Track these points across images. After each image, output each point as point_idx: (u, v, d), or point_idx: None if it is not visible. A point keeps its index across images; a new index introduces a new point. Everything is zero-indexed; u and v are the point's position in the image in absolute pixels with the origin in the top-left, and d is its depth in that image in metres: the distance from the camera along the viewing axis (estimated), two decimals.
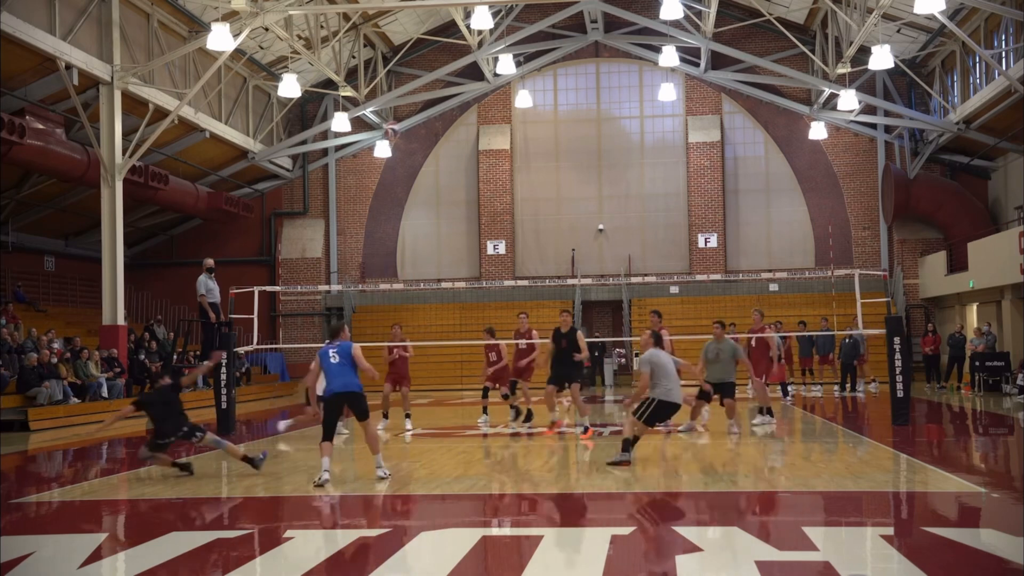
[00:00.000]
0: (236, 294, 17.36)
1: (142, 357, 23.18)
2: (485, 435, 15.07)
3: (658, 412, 11.13)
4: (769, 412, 15.19)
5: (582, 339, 13.88)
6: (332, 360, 10.01)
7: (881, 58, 23.14)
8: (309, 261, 32.64)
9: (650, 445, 13.05)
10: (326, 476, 9.76)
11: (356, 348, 10.06)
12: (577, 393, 14.03)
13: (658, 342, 11.43)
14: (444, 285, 24.24)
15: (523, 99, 31.25)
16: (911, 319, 29.49)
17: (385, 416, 15.84)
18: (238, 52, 25.06)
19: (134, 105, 23.02)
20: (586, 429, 13.96)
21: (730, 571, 6.45)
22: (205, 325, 16.73)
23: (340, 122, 29.22)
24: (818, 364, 23.98)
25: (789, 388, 20.88)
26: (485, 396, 16.62)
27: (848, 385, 22.88)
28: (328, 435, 9.98)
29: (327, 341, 10.46)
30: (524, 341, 15.55)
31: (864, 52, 25.65)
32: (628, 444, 11.00)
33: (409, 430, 15.44)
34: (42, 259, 28.07)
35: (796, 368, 23.60)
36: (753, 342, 17.22)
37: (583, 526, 8.19)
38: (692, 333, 20.35)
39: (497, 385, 15.91)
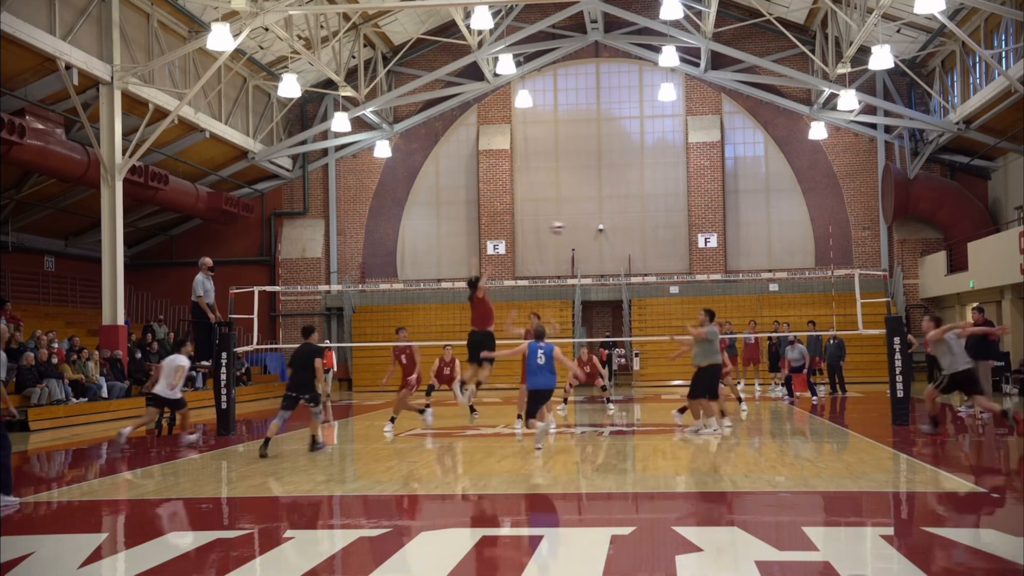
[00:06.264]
0: (236, 294, 17.34)
1: (138, 355, 23.15)
2: (485, 435, 15.07)
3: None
4: None
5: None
6: (539, 361, 12.09)
7: (881, 58, 23.14)
8: (309, 261, 32.64)
9: (649, 445, 13.04)
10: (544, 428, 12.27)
11: (558, 350, 12.04)
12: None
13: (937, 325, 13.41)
14: (444, 285, 24.22)
15: (523, 99, 31.24)
16: (911, 319, 29.47)
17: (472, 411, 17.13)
18: (238, 52, 25.07)
19: (134, 105, 23.02)
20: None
21: (730, 571, 6.45)
22: (198, 325, 16.59)
23: (340, 122, 29.23)
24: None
25: (818, 389, 21.41)
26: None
27: (837, 386, 22.78)
28: (532, 414, 12.26)
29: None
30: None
31: (864, 52, 25.65)
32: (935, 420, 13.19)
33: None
34: (42, 259, 28.05)
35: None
36: None
37: (583, 526, 8.19)
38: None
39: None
